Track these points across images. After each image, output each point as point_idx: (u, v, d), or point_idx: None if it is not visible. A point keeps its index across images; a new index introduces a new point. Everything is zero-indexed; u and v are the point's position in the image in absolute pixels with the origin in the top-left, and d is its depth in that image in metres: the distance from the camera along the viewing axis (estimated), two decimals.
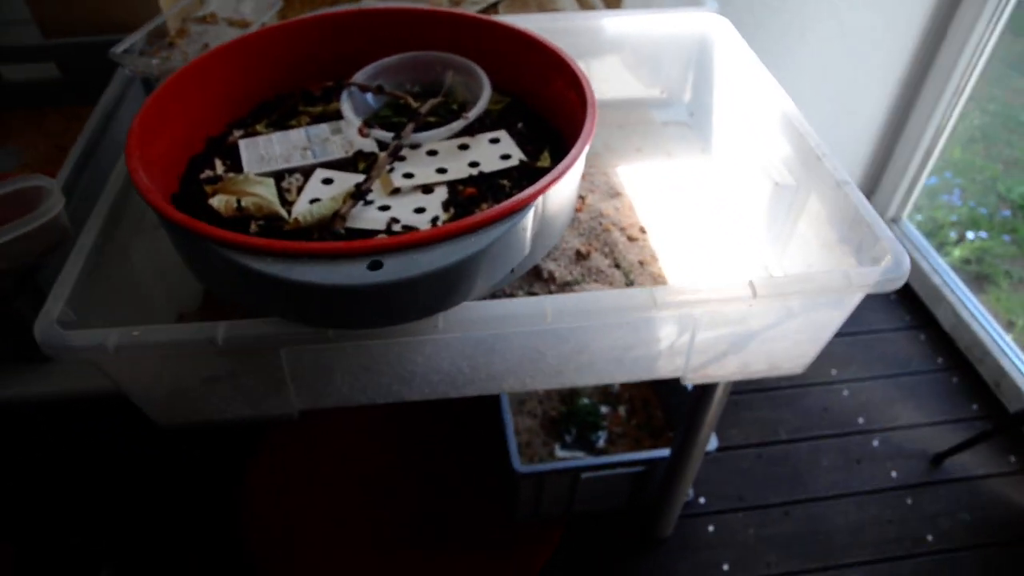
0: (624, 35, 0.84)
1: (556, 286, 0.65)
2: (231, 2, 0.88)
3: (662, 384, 1.26)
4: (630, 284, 0.67)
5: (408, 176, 0.62)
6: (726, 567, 1.17)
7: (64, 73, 0.96)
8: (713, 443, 1.06)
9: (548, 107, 0.70)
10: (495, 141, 0.67)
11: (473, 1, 0.99)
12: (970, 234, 1.75)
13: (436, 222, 0.57)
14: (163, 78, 0.66)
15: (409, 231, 0.56)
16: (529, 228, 0.51)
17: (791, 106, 0.68)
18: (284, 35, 0.72)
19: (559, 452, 1.22)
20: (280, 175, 0.64)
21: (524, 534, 1.17)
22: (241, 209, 0.59)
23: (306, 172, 0.64)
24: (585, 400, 1.26)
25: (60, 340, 0.47)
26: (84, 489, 1.09)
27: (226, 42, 0.69)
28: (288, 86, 0.74)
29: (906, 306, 1.60)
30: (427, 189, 0.61)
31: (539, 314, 0.48)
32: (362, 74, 0.71)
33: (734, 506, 1.25)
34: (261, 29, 0.71)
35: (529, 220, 0.50)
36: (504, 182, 0.62)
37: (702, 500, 1.26)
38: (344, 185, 0.62)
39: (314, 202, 0.60)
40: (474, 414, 1.30)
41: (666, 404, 1.25)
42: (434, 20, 0.73)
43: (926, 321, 1.57)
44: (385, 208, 0.59)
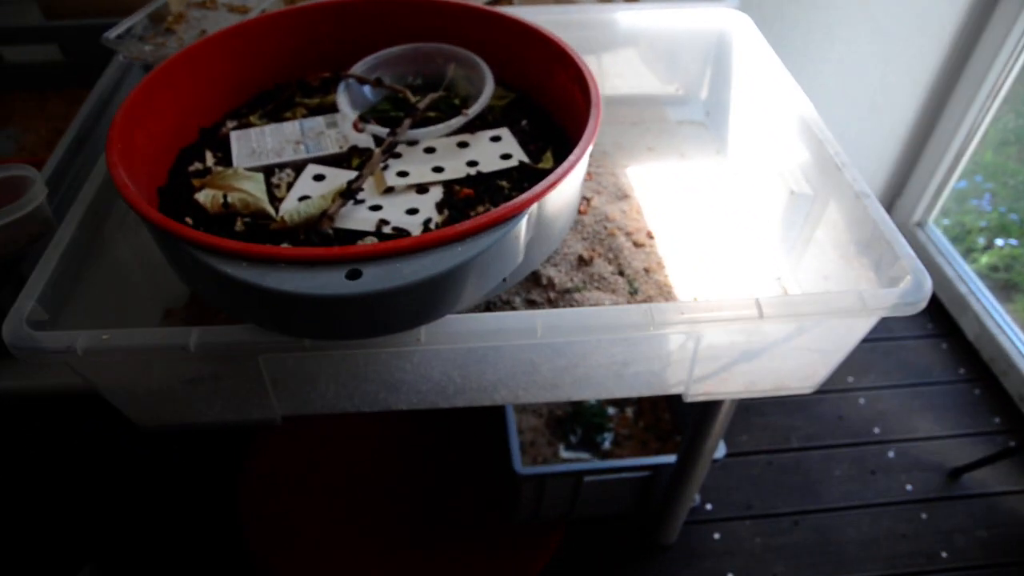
0: (640, 29, 0.81)
1: (555, 293, 0.62)
2: None
3: None
4: (633, 293, 0.64)
5: (402, 175, 0.59)
6: None
7: (67, 56, 0.95)
8: (721, 450, 1.03)
9: (554, 103, 0.67)
10: (496, 139, 0.64)
11: None
12: (999, 241, 1.69)
13: (428, 224, 0.55)
14: (156, 65, 0.63)
15: (399, 233, 0.54)
16: (522, 236, 0.48)
17: (811, 110, 0.64)
18: (282, 23, 0.69)
19: (563, 453, 1.19)
20: (270, 170, 0.61)
21: (524, 536, 1.15)
22: (227, 205, 0.56)
23: (298, 167, 0.62)
24: (592, 401, 1.24)
25: (28, 341, 0.45)
26: (69, 486, 1.09)
27: (221, 29, 0.67)
28: (286, 76, 0.71)
29: (929, 313, 1.55)
30: (422, 189, 0.59)
31: (528, 330, 0.45)
32: (361, 65, 0.68)
33: (742, 514, 1.22)
34: (258, 16, 0.68)
35: (522, 228, 0.47)
36: (503, 183, 0.59)
37: (709, 506, 1.23)
38: (336, 182, 0.59)
39: (303, 200, 0.58)
40: (477, 411, 1.28)
41: (674, 407, 1.22)
42: (437, 9, 0.70)
43: (949, 330, 1.52)
44: (376, 208, 0.56)
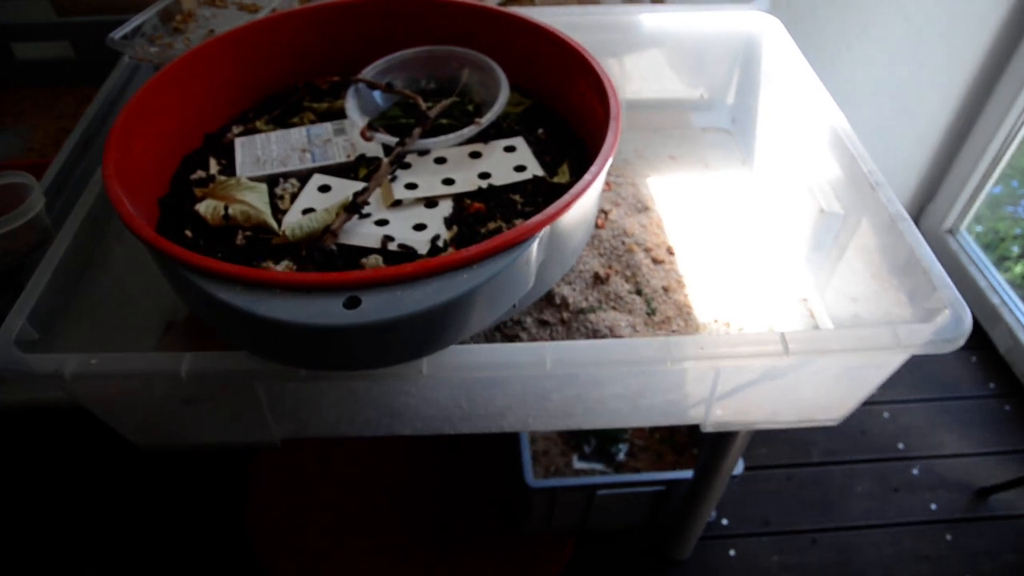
0: (664, 31, 0.77)
1: (569, 313, 0.59)
2: None
3: None
4: (651, 313, 0.61)
5: (411, 187, 0.57)
6: None
7: (78, 53, 0.93)
8: (739, 466, 0.99)
9: (571, 111, 0.64)
10: (510, 149, 0.61)
11: None
12: None
13: (436, 242, 0.52)
14: (162, 66, 0.61)
15: (405, 251, 0.51)
16: (534, 260, 0.45)
17: (843, 122, 0.60)
18: (290, 24, 0.67)
19: (577, 463, 1.16)
20: (275, 179, 0.59)
21: (535, 547, 1.12)
22: (228, 218, 0.54)
23: (303, 177, 0.59)
24: None
25: (14, 363, 0.43)
26: (70, 492, 1.08)
27: (226, 31, 0.64)
28: (295, 78, 0.69)
29: None
30: (431, 202, 0.56)
31: (537, 362, 0.43)
32: (371, 69, 0.65)
33: (759, 530, 1.18)
34: (265, 17, 0.66)
35: (533, 252, 0.44)
36: (516, 197, 0.57)
37: (725, 521, 1.19)
38: (342, 194, 0.57)
39: (307, 212, 0.55)
40: None
41: None
42: (450, 11, 0.67)
43: (979, 342, 1.47)
44: (382, 223, 0.54)
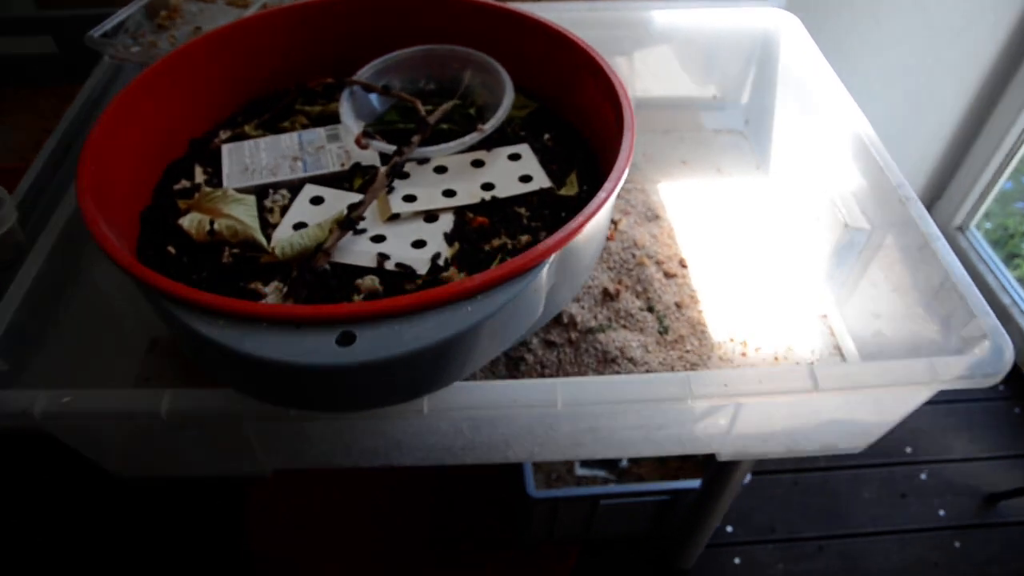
0: (676, 28, 0.73)
1: (577, 333, 0.56)
2: None
3: None
4: (663, 332, 0.57)
5: (409, 199, 0.53)
6: None
7: (61, 48, 0.89)
8: (747, 475, 0.97)
9: (580, 116, 0.61)
10: (515, 157, 0.58)
11: None
12: None
13: (437, 260, 0.49)
14: (145, 68, 0.57)
15: (403, 271, 0.48)
16: (544, 287, 0.42)
17: (868, 130, 0.57)
18: (280, 22, 0.63)
19: (579, 470, 1.14)
20: (264, 190, 0.55)
21: (537, 558, 1.10)
22: (214, 233, 0.51)
23: (294, 188, 0.56)
24: None
25: None
26: (57, 511, 1.05)
27: (214, 29, 0.60)
28: (286, 80, 0.65)
29: None
30: (431, 216, 0.53)
31: (548, 401, 0.39)
32: (367, 70, 0.61)
33: (764, 537, 1.16)
34: (255, 14, 0.62)
35: (543, 279, 0.41)
36: (521, 211, 0.53)
37: (729, 528, 1.17)
38: (335, 206, 0.53)
39: (299, 227, 0.52)
40: None
41: None
42: (451, 8, 0.64)
43: None
44: (379, 239, 0.51)
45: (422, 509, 1.15)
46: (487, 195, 0.54)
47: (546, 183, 0.55)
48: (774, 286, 0.62)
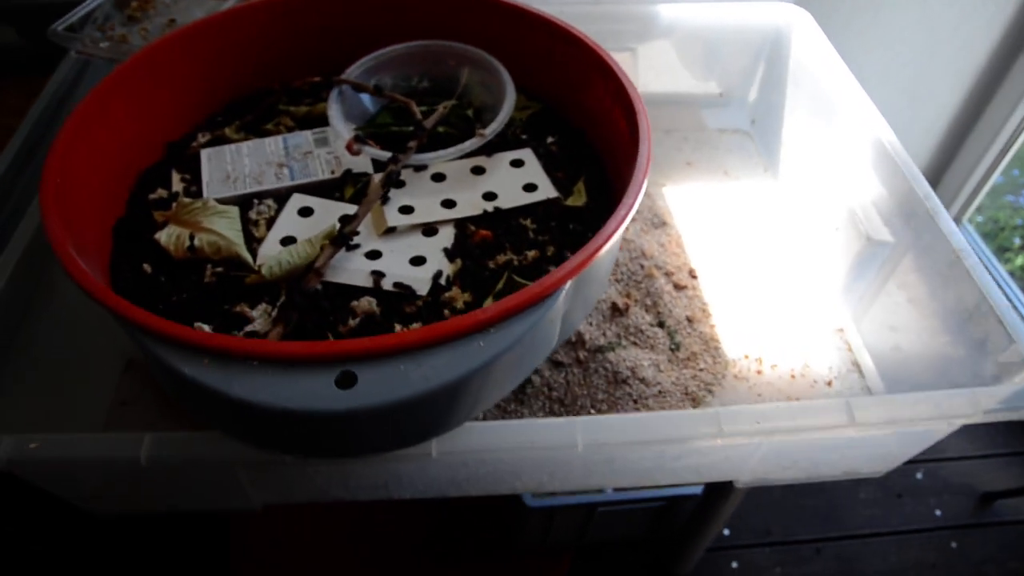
0: (682, 24, 0.70)
1: (585, 352, 0.52)
2: None
3: None
4: (675, 348, 0.54)
5: (406, 210, 0.50)
6: None
7: (24, 38, 0.83)
8: None
9: (587, 119, 0.57)
10: (518, 164, 0.54)
11: None
12: None
13: (439, 279, 0.45)
14: (114, 64, 0.53)
15: (402, 291, 0.44)
16: (559, 315, 0.38)
17: (890, 135, 0.54)
18: (264, 15, 0.58)
19: None
20: (248, 200, 0.51)
21: (529, 563, 1.07)
22: (194, 249, 0.47)
23: (280, 197, 0.52)
24: None
25: None
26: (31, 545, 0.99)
27: (191, 23, 0.56)
28: (268, 78, 0.61)
29: None
30: (429, 229, 0.49)
31: (567, 443, 0.36)
32: (357, 68, 0.57)
33: (761, 540, 1.14)
34: (236, 7, 0.57)
35: (559, 307, 0.37)
36: (527, 223, 0.50)
37: (726, 532, 1.15)
38: (326, 218, 0.50)
39: (287, 242, 0.48)
40: None
41: None
42: (448, 2, 0.59)
43: None
44: (374, 255, 0.47)
45: (416, 515, 1.11)
46: (489, 206, 0.50)
47: (552, 193, 0.51)
48: (788, 298, 0.59)
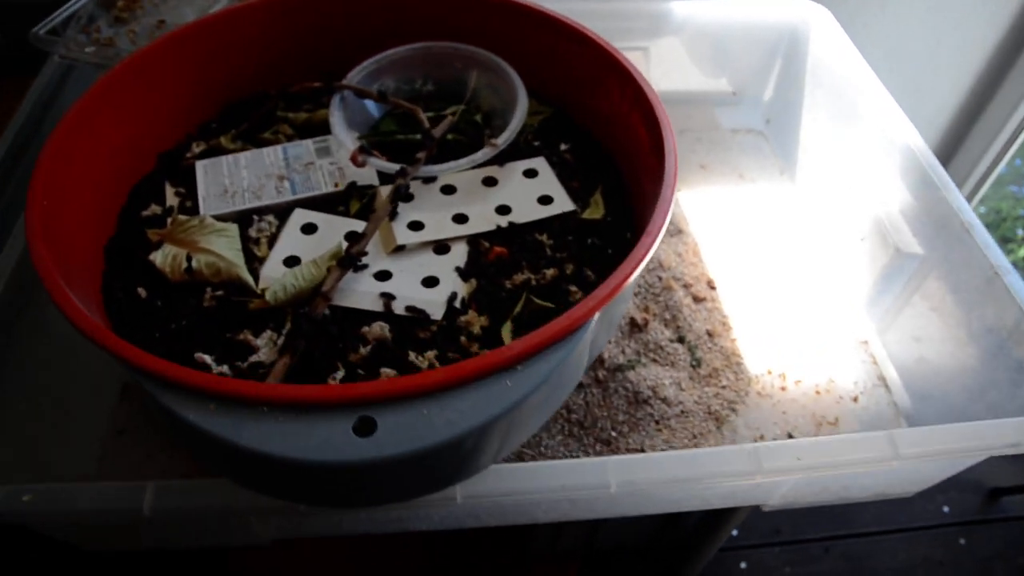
0: (696, 21, 0.67)
1: (605, 371, 0.50)
2: None
3: None
4: (696, 365, 0.52)
5: (416, 226, 0.47)
6: None
7: (5, 37, 0.79)
8: None
9: (602, 126, 0.54)
10: (531, 174, 0.51)
11: None
12: None
13: (454, 302, 0.43)
14: (101, 71, 0.50)
15: (415, 315, 0.42)
16: (588, 347, 0.36)
17: (918, 140, 0.52)
18: (260, 16, 0.55)
19: None
20: (247, 216, 0.48)
21: (537, 570, 1.06)
22: (192, 271, 0.44)
23: (282, 212, 0.49)
24: None
25: None
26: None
27: (182, 26, 0.53)
28: (265, 83, 0.58)
29: None
30: (441, 247, 0.46)
31: (599, 484, 0.34)
32: (358, 72, 0.54)
33: (769, 540, 1.13)
34: (228, 8, 0.54)
35: (589, 336, 0.35)
36: (543, 238, 0.47)
37: (735, 532, 1.14)
38: (330, 236, 0.47)
39: (290, 262, 0.45)
40: None
41: None
42: (453, 1, 0.56)
43: None
44: (384, 276, 0.44)
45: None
46: (503, 220, 0.48)
47: (569, 205, 0.49)
48: (810, 309, 0.57)
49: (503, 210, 0.48)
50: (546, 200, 0.49)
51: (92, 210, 0.45)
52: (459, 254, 0.46)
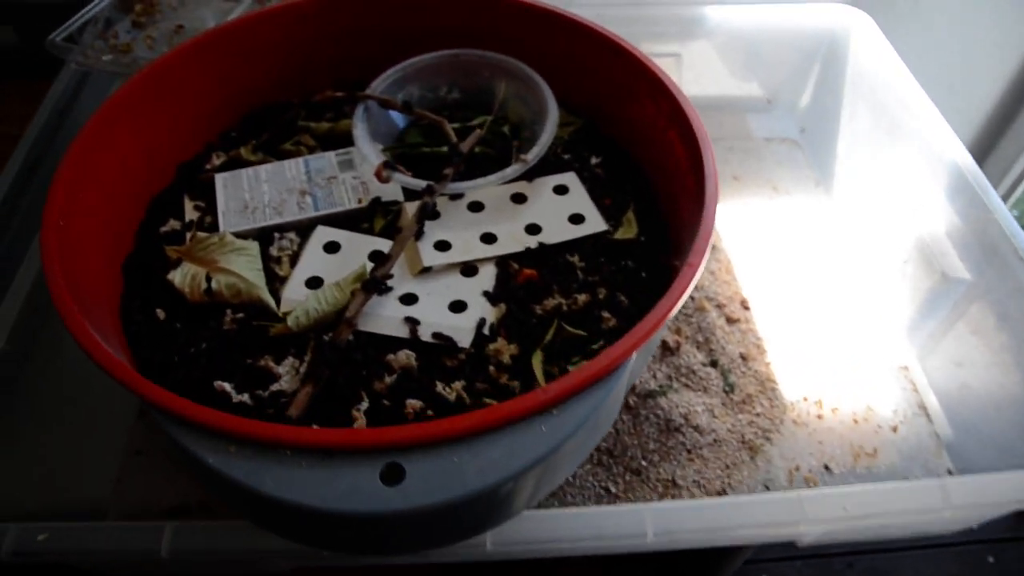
0: (730, 27, 0.65)
1: (636, 397, 0.48)
2: None
3: None
4: (729, 390, 0.50)
5: (443, 247, 0.45)
6: None
7: (23, 39, 0.79)
8: None
9: (634, 139, 0.52)
10: (561, 190, 0.50)
11: None
12: None
13: (482, 328, 0.41)
14: (118, 79, 0.48)
15: (443, 342, 0.40)
16: (625, 385, 0.34)
17: (967, 158, 0.49)
18: (279, 22, 0.54)
19: None
20: (268, 233, 0.47)
21: (560, 572, 1.04)
22: (212, 292, 0.42)
23: (303, 230, 0.47)
24: None
25: None
26: None
27: (202, 34, 0.51)
28: (287, 93, 0.56)
29: None
30: (469, 268, 0.45)
31: (636, 533, 0.32)
32: (382, 81, 0.53)
33: (790, 554, 1.11)
34: (248, 15, 0.53)
35: (627, 375, 0.33)
36: (574, 259, 0.45)
37: None
38: (354, 255, 0.45)
39: (312, 283, 0.44)
40: None
41: None
42: (479, 6, 0.55)
43: None
44: (409, 299, 0.43)
45: None
46: (533, 241, 0.46)
47: (601, 225, 0.47)
48: (847, 332, 0.55)
49: (533, 229, 0.47)
50: (577, 219, 0.47)
51: (110, 227, 0.44)
52: (487, 276, 0.44)
